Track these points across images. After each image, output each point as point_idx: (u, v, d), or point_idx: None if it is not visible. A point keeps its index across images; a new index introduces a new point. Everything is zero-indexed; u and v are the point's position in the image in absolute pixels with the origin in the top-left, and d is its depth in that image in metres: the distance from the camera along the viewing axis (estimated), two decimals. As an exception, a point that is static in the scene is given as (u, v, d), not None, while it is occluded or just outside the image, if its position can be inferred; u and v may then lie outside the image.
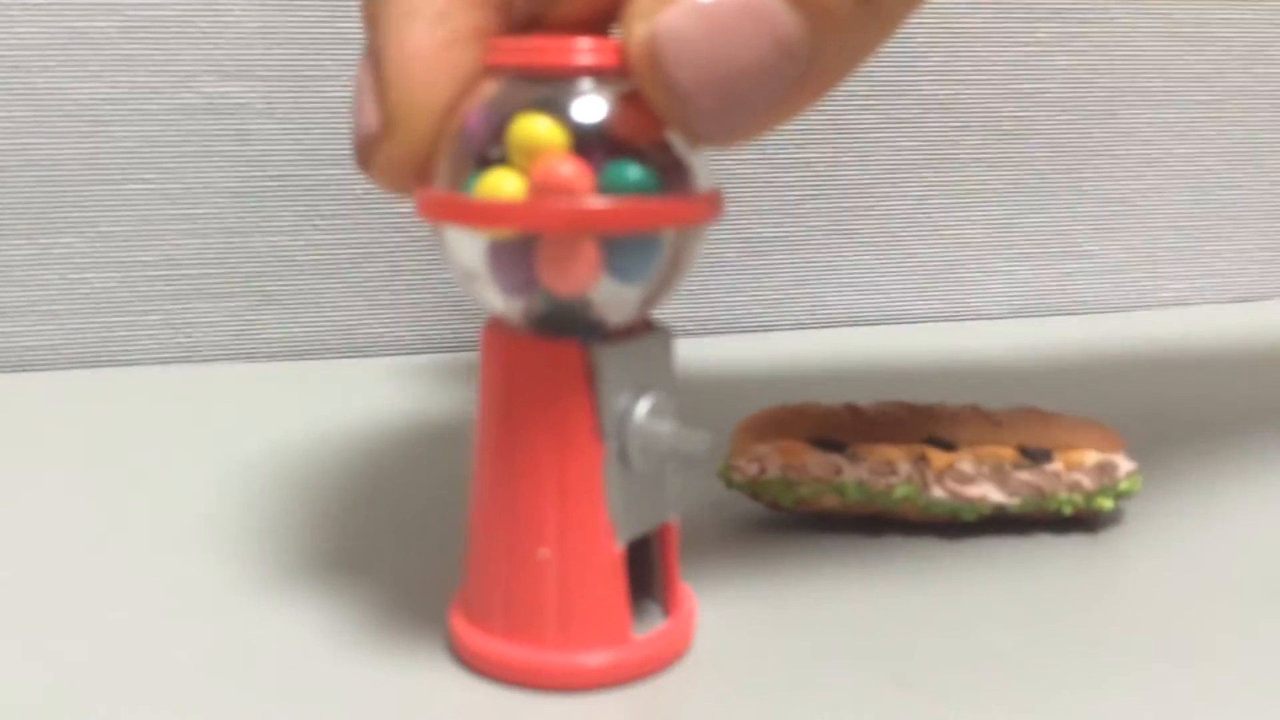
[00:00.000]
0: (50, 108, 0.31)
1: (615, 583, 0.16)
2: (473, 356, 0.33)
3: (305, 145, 0.32)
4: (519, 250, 0.16)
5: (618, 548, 0.16)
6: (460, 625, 0.17)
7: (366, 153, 0.16)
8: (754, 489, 0.21)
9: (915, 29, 0.33)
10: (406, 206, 0.33)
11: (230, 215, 0.32)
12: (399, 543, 0.21)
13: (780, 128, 0.16)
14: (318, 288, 0.33)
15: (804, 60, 0.15)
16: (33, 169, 0.31)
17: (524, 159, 0.15)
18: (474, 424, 0.17)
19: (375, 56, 0.16)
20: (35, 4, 0.30)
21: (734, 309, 0.35)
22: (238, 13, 0.31)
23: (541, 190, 0.15)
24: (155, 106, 0.31)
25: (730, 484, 0.21)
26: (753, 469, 0.21)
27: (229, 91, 0.31)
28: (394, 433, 0.27)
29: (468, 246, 0.16)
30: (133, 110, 0.31)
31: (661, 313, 0.18)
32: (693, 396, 0.19)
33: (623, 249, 0.16)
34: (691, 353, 0.30)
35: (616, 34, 0.16)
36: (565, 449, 0.16)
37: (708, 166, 0.17)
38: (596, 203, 0.15)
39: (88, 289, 0.32)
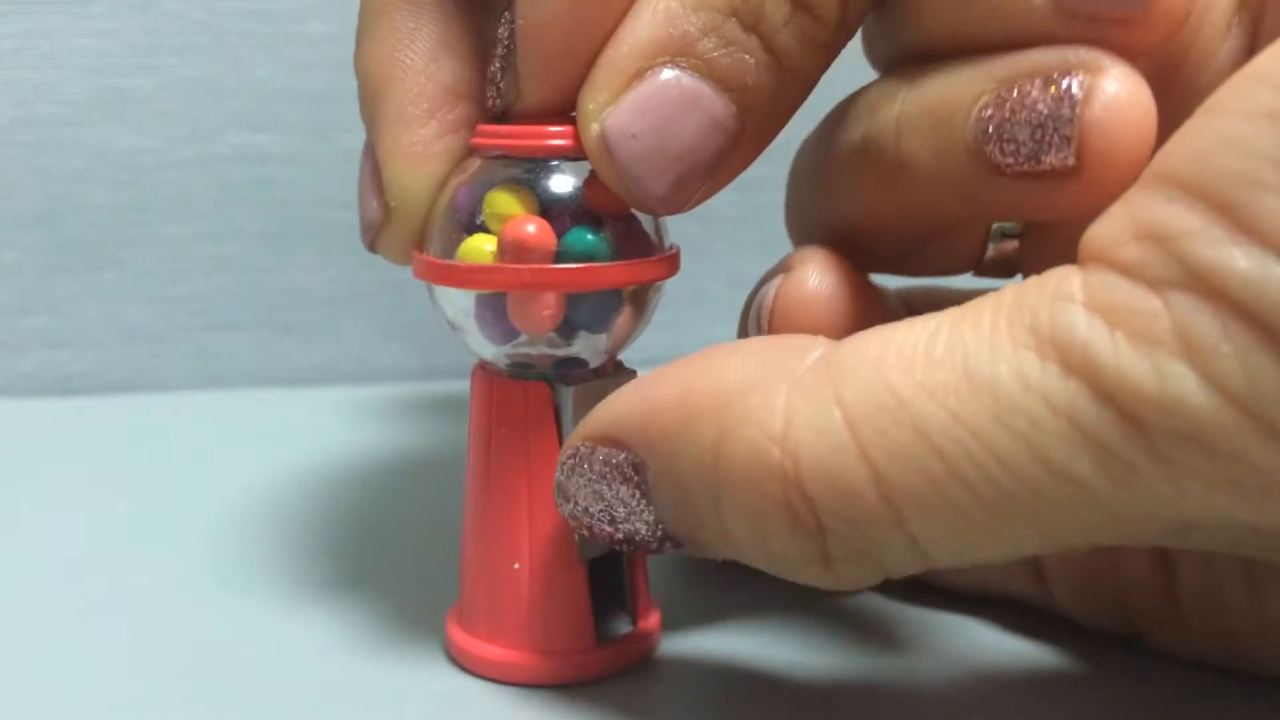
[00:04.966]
0: (96, 158, 0.33)
1: (578, 593, 0.18)
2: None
3: (323, 191, 0.34)
4: (501, 304, 0.18)
5: (580, 564, 0.18)
6: (453, 629, 0.19)
7: (372, 236, 0.19)
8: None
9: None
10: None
11: (255, 254, 0.34)
12: (408, 557, 0.23)
13: (726, 187, 0.18)
14: (333, 320, 0.35)
15: (737, 133, 0.17)
16: (80, 213, 0.33)
17: (496, 224, 0.17)
18: (466, 451, 0.19)
19: (373, 153, 0.18)
20: (82, 66, 0.32)
21: (718, 340, 0.37)
22: (262, 72, 0.33)
23: (508, 244, 0.17)
24: (189, 157, 0.33)
25: None
26: None
27: (254, 143, 0.33)
28: (403, 454, 0.29)
29: (456, 302, 0.18)
30: (169, 160, 0.33)
31: (652, 344, 0.20)
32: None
33: (583, 303, 0.18)
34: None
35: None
36: (535, 476, 0.18)
37: (666, 229, 0.19)
38: (552, 267, 0.17)
39: (127, 321, 0.34)
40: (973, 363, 0.13)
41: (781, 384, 0.14)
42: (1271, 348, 0.12)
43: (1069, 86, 0.15)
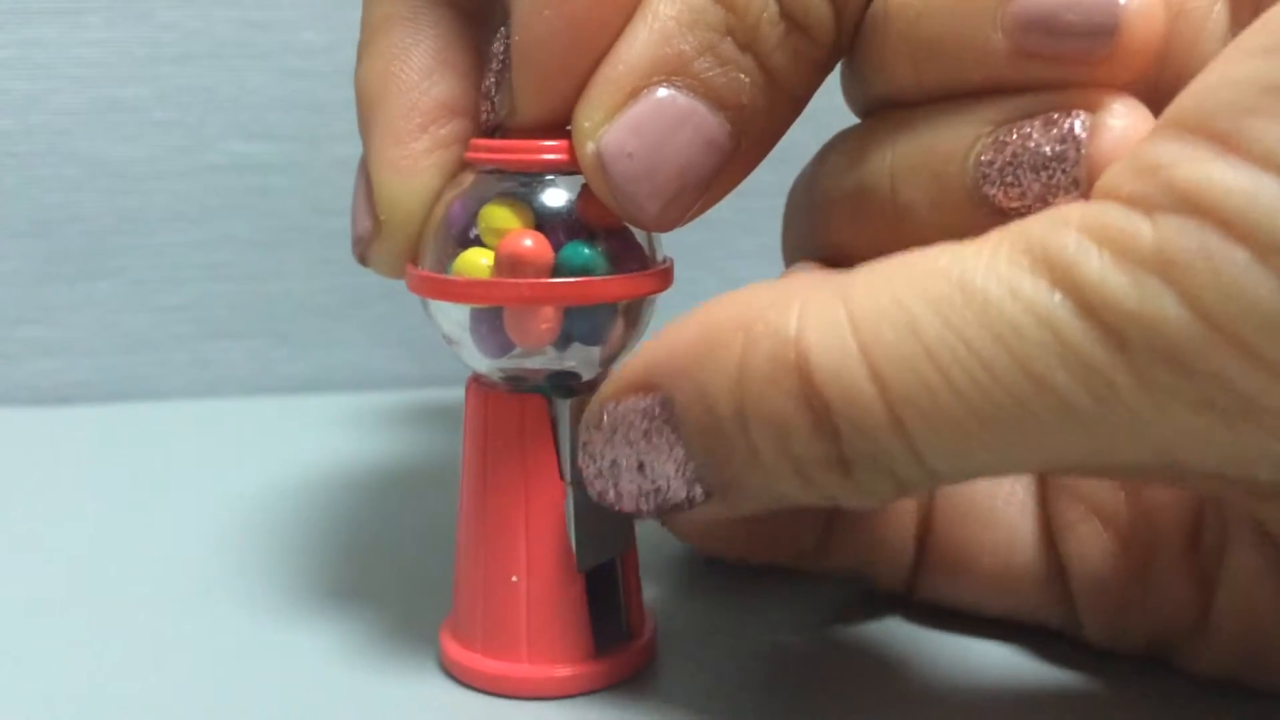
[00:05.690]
0: (91, 167, 0.33)
1: (576, 605, 0.18)
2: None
3: (318, 199, 0.34)
4: (496, 317, 0.18)
5: (578, 575, 0.18)
6: (448, 642, 0.19)
7: (362, 249, 0.19)
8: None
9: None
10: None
11: (250, 263, 0.34)
12: (403, 568, 0.23)
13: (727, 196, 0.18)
14: (329, 328, 0.35)
15: (731, 151, 0.17)
16: (75, 222, 0.33)
17: (492, 238, 0.18)
18: (461, 464, 0.19)
19: (366, 168, 0.18)
20: (77, 76, 0.32)
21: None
22: (257, 81, 0.33)
23: (505, 259, 0.17)
24: (184, 166, 0.33)
25: None
26: None
27: (250, 152, 0.33)
28: (399, 462, 0.29)
29: (451, 316, 0.18)
30: (164, 169, 0.33)
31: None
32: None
33: (579, 317, 0.18)
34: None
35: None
36: (532, 490, 0.18)
37: (660, 240, 0.19)
38: (548, 281, 0.17)
39: (122, 330, 0.34)
40: (968, 275, 0.14)
41: (798, 297, 0.15)
42: (1252, 261, 0.12)
43: (1072, 127, 0.15)
